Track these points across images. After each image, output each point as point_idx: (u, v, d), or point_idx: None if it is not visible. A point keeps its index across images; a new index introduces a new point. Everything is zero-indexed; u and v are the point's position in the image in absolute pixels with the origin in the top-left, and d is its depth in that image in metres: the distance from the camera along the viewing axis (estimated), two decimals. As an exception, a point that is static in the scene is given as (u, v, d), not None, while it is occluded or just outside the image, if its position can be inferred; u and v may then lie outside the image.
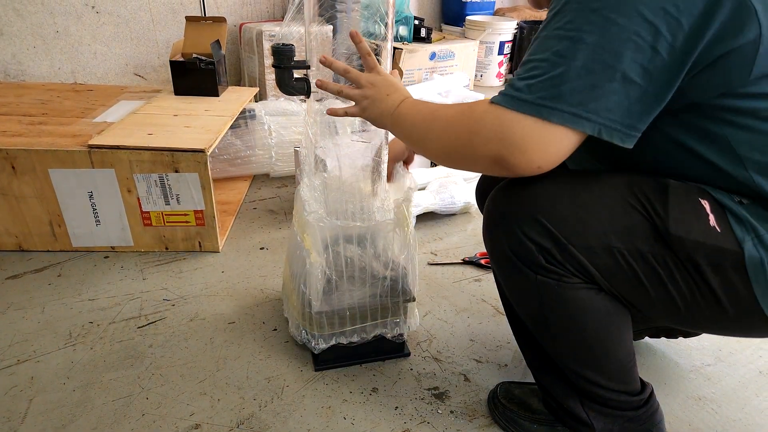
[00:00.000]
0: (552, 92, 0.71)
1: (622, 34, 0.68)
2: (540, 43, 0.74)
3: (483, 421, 1.12)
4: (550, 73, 0.71)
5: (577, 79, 0.70)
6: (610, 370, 0.93)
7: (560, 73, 0.71)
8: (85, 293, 1.45)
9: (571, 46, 0.70)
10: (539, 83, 0.72)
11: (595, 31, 0.69)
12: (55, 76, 2.52)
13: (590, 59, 0.69)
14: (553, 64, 0.71)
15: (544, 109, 0.72)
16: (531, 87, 0.73)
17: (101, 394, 1.14)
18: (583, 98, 0.71)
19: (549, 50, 0.72)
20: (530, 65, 0.74)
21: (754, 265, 0.74)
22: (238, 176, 2.18)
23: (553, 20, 0.73)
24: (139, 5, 2.60)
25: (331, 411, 1.12)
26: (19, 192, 1.52)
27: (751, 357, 1.32)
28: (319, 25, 1.08)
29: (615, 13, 0.67)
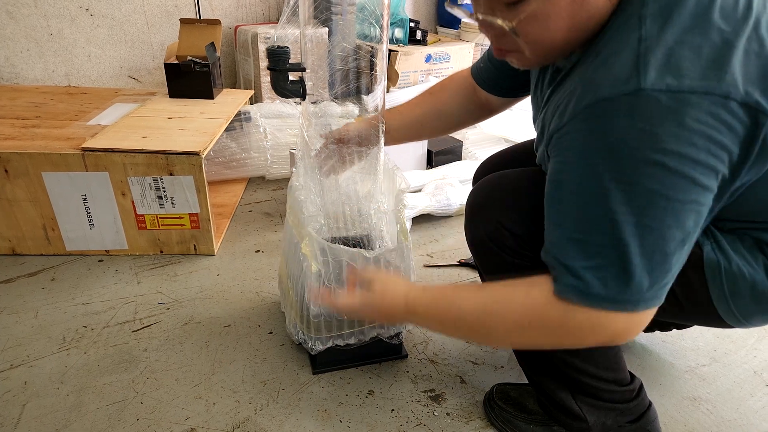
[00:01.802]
0: (631, 287, 0.68)
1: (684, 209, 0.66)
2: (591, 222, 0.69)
3: (479, 422, 1.12)
4: (623, 265, 0.68)
5: (652, 265, 0.67)
6: (596, 355, 0.95)
7: (634, 264, 0.67)
8: (79, 297, 1.45)
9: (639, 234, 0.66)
10: (614, 278, 0.68)
11: (660, 214, 0.65)
12: (49, 79, 2.51)
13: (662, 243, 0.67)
14: (624, 255, 0.67)
15: (629, 304, 0.70)
16: (606, 282, 0.69)
17: (95, 399, 1.13)
18: (663, 281, 0.69)
19: (611, 237, 0.67)
20: (592, 251, 0.69)
21: (711, 267, 0.79)
22: (233, 179, 2.17)
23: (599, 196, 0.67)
24: (133, 8, 2.59)
25: (327, 414, 1.12)
26: (12, 195, 1.51)
27: (745, 357, 1.32)
28: (315, 27, 1.08)
29: (675, 191, 0.64)
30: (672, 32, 0.63)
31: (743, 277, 0.78)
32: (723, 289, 0.79)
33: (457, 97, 1.20)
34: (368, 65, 1.10)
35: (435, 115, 1.21)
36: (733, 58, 0.61)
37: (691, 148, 0.62)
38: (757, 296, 0.78)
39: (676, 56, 0.62)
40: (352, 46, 1.08)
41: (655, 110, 0.61)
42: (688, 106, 0.61)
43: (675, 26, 0.63)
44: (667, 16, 0.63)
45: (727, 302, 0.80)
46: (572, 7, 0.66)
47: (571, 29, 0.69)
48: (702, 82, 0.61)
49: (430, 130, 1.24)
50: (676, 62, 0.61)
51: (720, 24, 0.62)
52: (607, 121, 0.65)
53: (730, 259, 0.78)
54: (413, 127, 1.21)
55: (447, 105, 1.20)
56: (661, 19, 0.63)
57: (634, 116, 0.63)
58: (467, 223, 1.02)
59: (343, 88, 1.12)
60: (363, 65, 1.11)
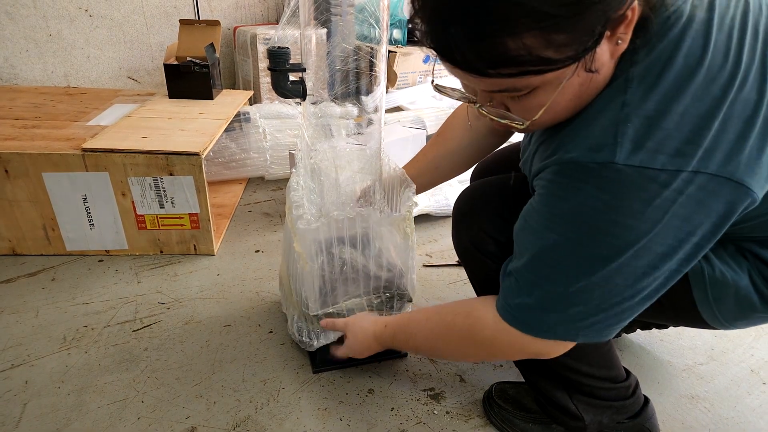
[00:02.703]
0: (576, 326, 0.74)
1: (634, 277, 0.68)
2: (545, 270, 0.73)
3: (478, 421, 1.12)
4: (565, 309, 0.73)
5: (591, 315, 0.72)
6: (587, 354, 0.95)
7: (577, 312, 0.72)
8: (80, 297, 1.45)
9: (584, 290, 0.70)
10: (559, 319, 0.74)
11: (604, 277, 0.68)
12: (48, 80, 2.51)
13: (600, 301, 0.71)
14: (565, 300, 0.72)
15: (569, 337, 0.76)
16: (544, 320, 0.75)
17: (96, 398, 1.13)
18: (606, 325, 0.73)
19: (559, 286, 0.72)
20: (539, 294, 0.74)
21: (695, 272, 0.79)
22: (233, 179, 2.18)
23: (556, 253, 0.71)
24: (132, 9, 2.59)
25: (327, 413, 1.12)
26: (12, 196, 1.52)
27: (743, 356, 1.33)
28: (314, 28, 1.09)
29: (630, 259, 0.66)
30: (654, 99, 0.62)
31: (726, 283, 0.78)
32: (707, 294, 0.80)
33: (464, 131, 1.20)
34: (368, 66, 1.11)
35: (447, 156, 1.22)
36: (713, 129, 0.60)
37: (653, 225, 0.64)
38: (741, 301, 0.78)
39: (654, 128, 0.61)
40: (351, 47, 1.09)
41: (624, 185, 0.63)
42: (657, 185, 0.61)
43: (658, 92, 0.62)
44: (653, 79, 0.62)
45: (711, 307, 0.81)
46: (580, 89, 0.65)
47: (578, 105, 0.68)
48: (675, 159, 0.60)
49: (447, 171, 1.25)
50: (654, 135, 0.61)
51: (705, 89, 0.61)
52: (574, 184, 0.67)
53: (713, 265, 0.78)
54: (429, 173, 1.23)
55: (455, 142, 1.21)
56: (645, 84, 0.63)
57: (601, 187, 0.64)
58: (453, 230, 1.06)
59: (343, 88, 1.12)
60: (362, 66, 1.11)
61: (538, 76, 0.61)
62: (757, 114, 0.61)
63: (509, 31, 0.56)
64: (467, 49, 0.60)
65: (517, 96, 0.66)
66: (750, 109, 0.61)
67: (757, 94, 0.61)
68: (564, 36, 0.56)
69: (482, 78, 0.62)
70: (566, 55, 0.58)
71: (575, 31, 0.56)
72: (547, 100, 0.65)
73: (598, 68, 0.63)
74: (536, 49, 0.57)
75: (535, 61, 0.58)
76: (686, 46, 0.62)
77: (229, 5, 2.87)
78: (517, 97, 0.66)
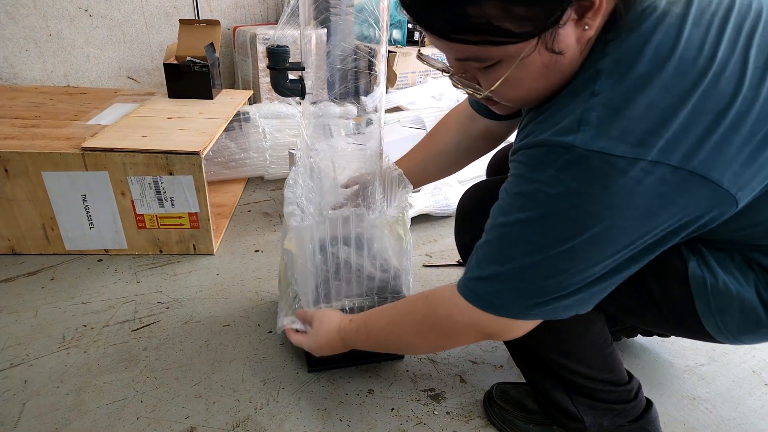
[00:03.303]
0: (528, 301, 0.74)
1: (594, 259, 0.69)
2: (507, 246, 0.74)
3: (479, 422, 1.12)
4: (522, 284, 0.74)
5: (549, 292, 0.73)
6: (588, 356, 0.95)
7: (534, 286, 0.73)
8: (79, 296, 1.45)
9: (541, 266, 0.71)
10: (513, 292, 0.75)
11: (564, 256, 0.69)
12: (48, 79, 2.51)
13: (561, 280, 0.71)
14: (524, 275, 0.73)
15: (521, 314, 0.76)
16: (503, 294, 0.76)
17: (95, 398, 1.13)
18: (558, 306, 0.74)
19: (519, 261, 0.72)
20: (497, 269, 0.75)
21: (697, 282, 0.78)
22: (232, 179, 2.18)
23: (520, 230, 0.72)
24: (132, 9, 2.59)
25: (327, 413, 1.12)
26: (12, 195, 1.51)
27: (744, 357, 1.33)
28: (314, 28, 1.08)
29: (588, 244, 0.68)
30: (621, 89, 0.62)
31: (730, 295, 0.76)
32: (709, 305, 0.78)
33: (455, 134, 1.21)
34: (367, 66, 1.10)
35: (435, 157, 1.24)
36: (678, 121, 0.60)
37: (610, 211, 0.64)
38: (746, 314, 0.76)
39: (619, 116, 0.61)
40: (351, 47, 1.09)
41: (584, 169, 0.63)
42: (617, 171, 0.61)
43: (626, 83, 0.62)
44: (623, 70, 0.63)
45: (715, 319, 0.79)
46: (545, 70, 0.67)
47: (546, 86, 0.70)
48: (636, 148, 0.60)
49: (434, 172, 1.27)
50: (618, 123, 0.61)
51: (674, 81, 0.61)
52: (539, 165, 0.68)
53: (716, 276, 0.77)
54: (417, 173, 1.24)
55: (445, 144, 1.23)
56: (615, 74, 0.63)
57: (563, 169, 0.65)
58: (456, 229, 1.06)
59: (342, 88, 1.12)
60: (362, 66, 1.11)
61: (498, 47, 0.64)
62: (730, 108, 0.61)
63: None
64: (431, 12, 0.64)
65: (483, 68, 0.69)
66: (723, 103, 0.61)
67: (733, 88, 0.61)
68: (523, 9, 0.59)
69: (448, 43, 0.66)
70: (525, 30, 0.61)
71: (535, 6, 0.59)
72: (511, 75, 0.68)
73: (562, 50, 0.64)
74: (495, 19, 0.60)
75: (493, 30, 0.61)
76: (657, 39, 0.62)
77: (229, 5, 2.87)
78: (484, 69, 0.70)
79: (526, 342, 0.97)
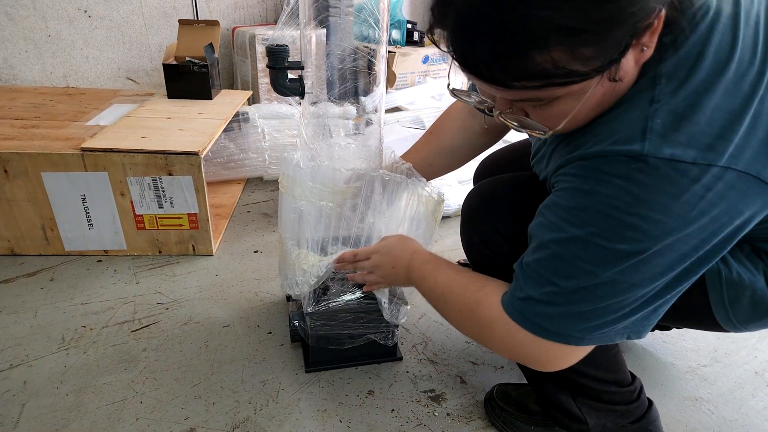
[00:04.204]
0: (584, 327, 0.71)
1: (655, 275, 0.66)
2: (560, 263, 0.70)
3: (480, 423, 1.11)
4: (578, 309, 0.70)
5: (607, 315, 0.69)
6: (594, 356, 0.93)
7: (589, 311, 0.69)
8: (78, 297, 1.44)
9: (600, 286, 0.67)
10: (568, 317, 0.71)
11: (626, 274, 0.66)
12: (48, 80, 2.50)
13: (620, 299, 0.68)
14: (579, 299, 0.69)
15: (572, 339, 0.72)
16: (555, 319, 0.71)
17: (95, 399, 1.12)
18: (616, 328, 0.71)
19: (574, 283, 0.69)
20: (551, 289, 0.71)
21: (711, 275, 0.77)
22: (231, 179, 2.17)
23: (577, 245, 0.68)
24: (131, 9, 2.59)
25: (326, 414, 1.11)
26: (11, 195, 1.51)
27: (746, 358, 1.32)
28: (314, 28, 1.08)
29: (651, 257, 0.64)
30: (685, 95, 0.60)
31: (743, 285, 0.76)
32: (722, 296, 0.78)
33: (456, 131, 1.20)
34: (366, 66, 1.10)
35: (440, 154, 1.23)
36: (743, 125, 0.59)
37: (680, 222, 0.62)
38: (756, 303, 0.77)
39: (685, 122, 0.60)
40: (350, 48, 1.09)
41: (653, 178, 0.61)
42: (688, 179, 0.60)
43: (689, 88, 0.60)
44: (683, 75, 0.61)
45: (726, 309, 0.79)
46: (603, 98, 0.65)
47: (597, 112, 0.68)
48: (707, 154, 0.59)
49: (439, 169, 1.25)
50: (684, 129, 0.60)
51: (735, 84, 0.60)
52: (601, 177, 0.65)
53: (730, 267, 0.77)
54: (423, 168, 1.21)
55: (449, 140, 1.21)
56: (675, 79, 0.61)
57: (629, 180, 0.62)
58: (462, 229, 1.02)
59: (342, 89, 1.12)
60: (361, 66, 1.11)
61: (563, 87, 0.60)
62: None
63: (537, 46, 0.55)
64: (493, 64, 0.59)
65: (539, 105, 0.65)
66: None
67: None
68: (592, 49, 0.56)
69: (505, 90, 0.62)
70: (593, 68, 0.57)
71: (603, 45, 0.56)
72: (570, 109, 0.64)
73: (621, 77, 0.62)
74: (563, 62, 0.56)
75: (561, 74, 0.57)
76: (716, 41, 0.61)
77: (228, 6, 2.87)
78: (539, 106, 0.66)
79: None
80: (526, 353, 0.76)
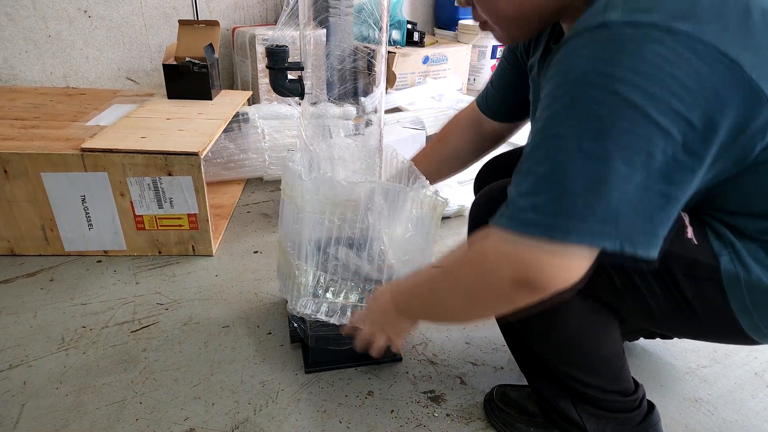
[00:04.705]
0: (563, 211, 0.63)
1: (634, 143, 0.60)
2: (538, 151, 0.67)
3: (479, 424, 1.11)
4: (557, 190, 0.63)
5: (588, 193, 0.62)
6: (598, 369, 0.93)
7: (569, 189, 0.63)
8: (78, 298, 1.44)
9: (577, 157, 0.62)
10: (546, 202, 0.64)
11: (604, 141, 0.61)
12: (48, 80, 2.50)
13: (602, 171, 0.61)
14: (559, 178, 0.63)
15: (559, 232, 0.64)
16: (538, 208, 0.65)
17: (94, 399, 1.12)
18: (601, 214, 0.63)
19: (553, 163, 0.64)
20: (531, 180, 0.66)
21: (730, 279, 0.75)
22: (231, 180, 2.17)
23: (551, 124, 0.65)
24: (131, 10, 2.59)
25: (326, 415, 1.11)
26: (11, 196, 1.51)
27: (746, 359, 1.32)
28: (314, 29, 1.08)
29: (624, 121, 0.60)
30: None
31: (763, 288, 0.73)
32: (744, 301, 0.75)
33: (466, 135, 1.24)
34: (366, 67, 1.10)
35: (448, 159, 1.27)
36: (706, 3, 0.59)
37: (647, 80, 0.59)
38: None
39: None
40: (350, 48, 1.09)
41: (616, 40, 0.60)
42: (651, 40, 0.58)
43: None
44: None
45: (750, 315, 0.75)
46: None
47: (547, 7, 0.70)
48: (670, 21, 0.58)
49: (446, 173, 1.30)
50: (645, 2, 0.60)
51: None
52: (572, 54, 0.64)
53: (749, 269, 0.74)
54: (432, 172, 1.23)
55: (457, 145, 1.26)
56: None
57: (595, 45, 0.61)
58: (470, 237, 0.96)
59: (342, 89, 1.12)
60: (361, 67, 1.11)
61: None
62: None
63: None
64: None
65: None
66: None
67: None
68: None
69: None
70: None
71: None
72: None
73: None
74: None
75: None
76: None
77: (228, 6, 2.87)
78: None
79: (539, 353, 0.97)
80: (522, 265, 0.67)
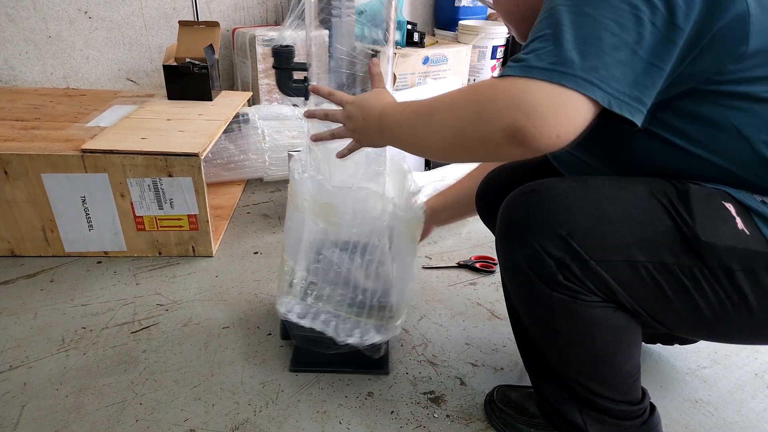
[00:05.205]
0: (561, 57, 0.67)
1: (623, 9, 0.67)
2: (542, 22, 0.72)
3: (479, 425, 1.11)
4: (557, 41, 0.68)
5: (584, 45, 0.67)
6: (615, 382, 0.92)
7: (567, 40, 0.68)
8: (78, 298, 1.44)
9: (575, 17, 0.68)
10: (547, 51, 0.68)
11: (599, 5, 0.68)
12: (48, 81, 2.50)
13: (597, 29, 0.67)
14: (559, 33, 0.69)
15: (556, 74, 0.66)
16: (540, 56, 0.69)
17: (94, 400, 1.12)
18: (593, 64, 0.67)
19: (553, 23, 0.70)
20: (535, 40, 0.71)
21: None
22: (231, 181, 2.17)
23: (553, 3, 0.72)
24: (131, 10, 2.59)
25: (326, 416, 1.11)
26: (11, 197, 1.51)
27: (746, 359, 1.32)
28: (318, 29, 1.08)
29: None
30: None
31: None
32: None
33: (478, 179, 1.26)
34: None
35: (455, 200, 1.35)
36: None
37: None
38: None
39: None
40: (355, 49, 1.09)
41: None
42: None
43: None
44: None
45: None
46: None
47: None
48: None
49: (450, 216, 1.41)
50: None
51: None
52: None
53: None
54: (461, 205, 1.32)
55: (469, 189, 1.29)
56: None
57: None
58: (502, 243, 0.87)
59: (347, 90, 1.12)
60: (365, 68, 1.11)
61: None
62: None
63: None
64: None
65: None
66: None
67: None
68: None
69: None
70: None
71: None
72: None
73: None
74: None
75: None
76: None
77: (228, 7, 2.87)
78: None
79: (551, 359, 0.95)
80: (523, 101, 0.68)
